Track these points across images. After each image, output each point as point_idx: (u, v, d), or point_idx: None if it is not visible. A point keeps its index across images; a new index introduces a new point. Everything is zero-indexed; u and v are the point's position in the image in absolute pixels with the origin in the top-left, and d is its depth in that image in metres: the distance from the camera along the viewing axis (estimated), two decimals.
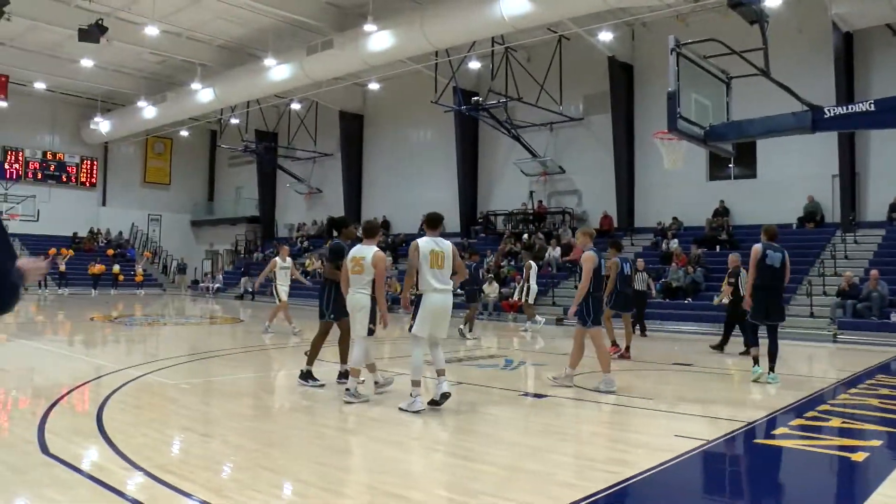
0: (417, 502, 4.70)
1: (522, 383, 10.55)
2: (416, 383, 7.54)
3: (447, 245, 7.93)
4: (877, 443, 6.56)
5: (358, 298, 8.09)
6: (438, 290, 7.64)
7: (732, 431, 6.90)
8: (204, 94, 33.10)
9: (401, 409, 7.52)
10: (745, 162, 24.59)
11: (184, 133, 42.16)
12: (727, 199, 25.03)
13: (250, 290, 33.12)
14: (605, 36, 25.05)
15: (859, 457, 6.01)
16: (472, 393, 9.18)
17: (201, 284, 40.23)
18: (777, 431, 6.95)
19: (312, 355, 9.22)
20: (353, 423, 7.38)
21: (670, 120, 9.10)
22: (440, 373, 7.71)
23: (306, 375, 9.10)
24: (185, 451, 6.17)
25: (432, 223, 8.17)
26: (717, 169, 25.46)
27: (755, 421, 7.40)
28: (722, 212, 24.82)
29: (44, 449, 5.78)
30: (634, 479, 5.22)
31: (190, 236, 46.43)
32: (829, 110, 9.28)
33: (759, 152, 24.30)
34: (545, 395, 8.89)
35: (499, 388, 9.49)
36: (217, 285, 38.25)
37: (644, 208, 27.02)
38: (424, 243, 7.78)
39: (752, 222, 23.81)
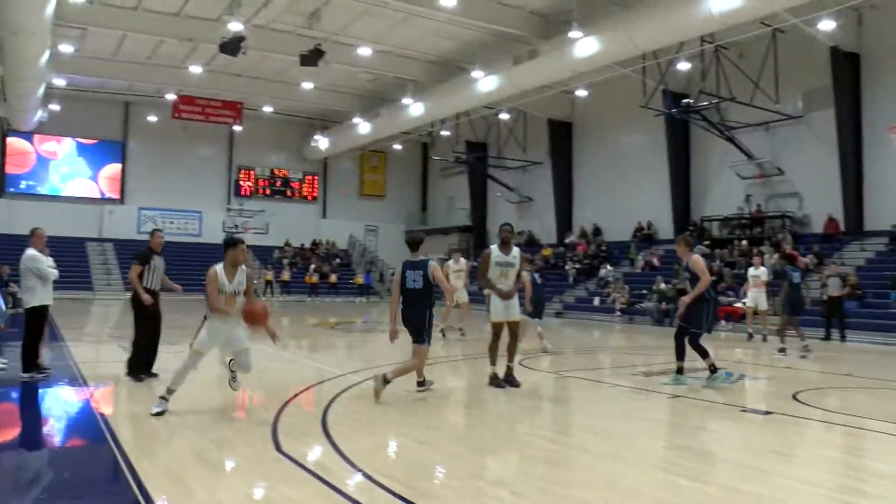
0: None
1: (743, 398, 10.04)
2: None
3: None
4: None
5: None
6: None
7: None
8: (415, 109, 34.29)
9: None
10: None
11: (397, 146, 43.88)
12: None
13: None
14: (827, 24, 23.32)
15: None
16: (689, 407, 8.89)
17: None
18: None
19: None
20: (567, 434, 7.36)
21: None
22: None
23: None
24: (401, 457, 6.47)
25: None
26: None
27: None
28: None
29: (277, 446, 6.32)
30: None
31: (405, 246, 47.93)
32: None
33: None
34: (770, 412, 8.43)
35: (719, 402, 9.10)
36: None
37: (876, 209, 24.87)
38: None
39: None
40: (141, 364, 9.80)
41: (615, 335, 21.75)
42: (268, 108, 40.63)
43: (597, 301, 29.08)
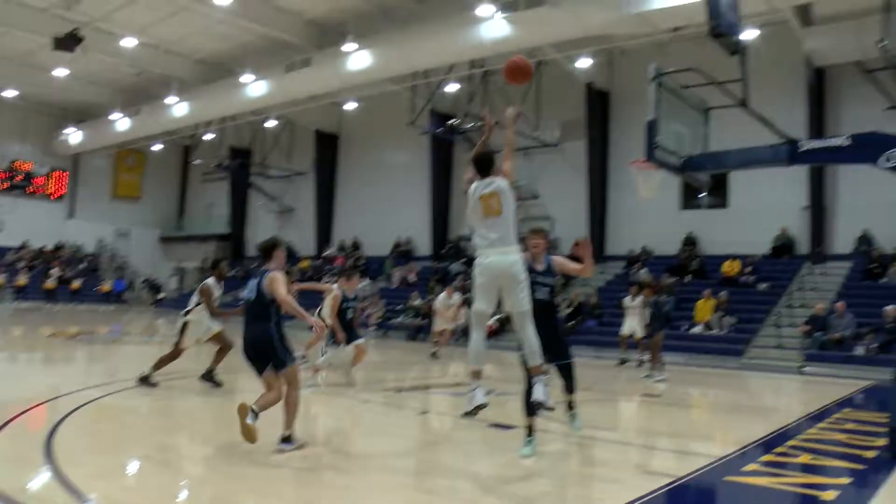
0: None
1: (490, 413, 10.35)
2: None
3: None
4: (845, 480, 6.53)
5: None
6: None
7: (703, 467, 6.82)
8: (179, 109, 32.81)
9: None
10: (717, 192, 24.71)
11: (157, 147, 41.55)
12: (699, 228, 25.15)
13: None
14: (584, 62, 25.17)
15: (830, 495, 5.94)
16: (442, 423, 9.06)
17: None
18: (747, 468, 6.83)
19: None
20: (314, 450, 7.21)
21: (649, 149, 9.09)
22: None
23: None
24: (140, 481, 5.96)
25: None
26: (689, 198, 25.54)
27: (725, 456, 7.32)
28: (690, 241, 24.93)
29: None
30: None
31: (159, 252, 45.73)
32: (805, 144, 9.32)
33: (731, 183, 24.46)
34: (512, 427, 8.75)
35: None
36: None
37: (616, 236, 27.04)
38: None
39: (724, 252, 24.03)
40: None
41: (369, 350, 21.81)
42: (10, 93, 36.63)
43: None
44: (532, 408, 6.50)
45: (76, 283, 37.49)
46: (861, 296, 19.89)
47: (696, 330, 20.70)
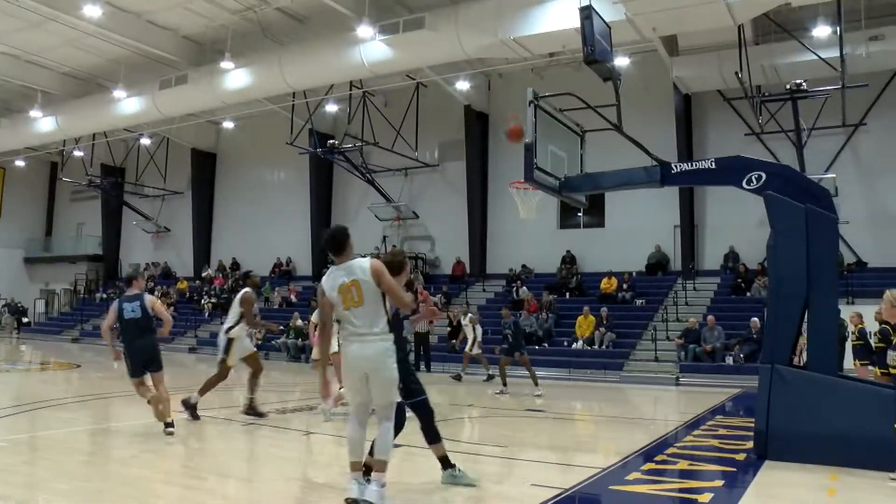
0: None
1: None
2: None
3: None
4: (719, 483, 6.96)
5: None
6: None
7: (588, 478, 7.02)
8: (44, 123, 31.34)
9: None
10: (594, 212, 25.52)
11: (19, 163, 39.50)
12: (577, 247, 25.91)
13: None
14: (463, 85, 25.66)
15: (705, 498, 6.27)
16: (323, 443, 8.99)
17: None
18: (630, 477, 7.09)
19: None
20: (197, 477, 7.05)
21: (527, 170, 9.34)
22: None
23: None
24: None
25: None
26: (567, 218, 26.32)
27: (609, 467, 7.57)
28: (569, 259, 25.65)
29: None
30: None
31: (23, 274, 43.41)
32: (676, 166, 9.77)
33: (608, 203, 25.33)
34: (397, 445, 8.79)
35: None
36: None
37: (496, 255, 27.56)
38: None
39: (601, 269, 24.86)
40: None
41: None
42: None
43: None
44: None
45: None
46: (729, 309, 21.03)
47: (577, 345, 21.27)
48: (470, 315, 19.40)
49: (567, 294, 24.36)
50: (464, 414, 11.75)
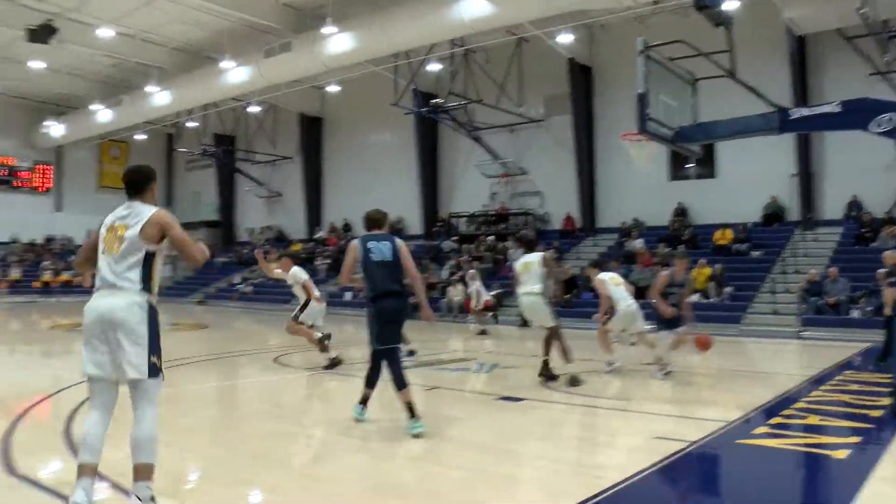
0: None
1: (495, 386, 10.44)
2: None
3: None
4: (854, 439, 6.67)
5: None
6: None
7: (713, 432, 6.91)
8: (160, 98, 32.55)
9: None
10: (706, 162, 24.82)
11: (140, 137, 41.29)
12: (688, 198, 25.26)
13: None
14: (565, 38, 25.11)
15: (841, 454, 6.08)
16: (445, 397, 9.13)
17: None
18: (756, 431, 6.95)
19: None
20: (325, 429, 7.29)
21: (640, 121, 9.11)
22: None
23: None
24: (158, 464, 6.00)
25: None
26: (677, 169, 25.63)
27: (733, 421, 7.43)
28: (681, 211, 25.05)
29: (10, 470, 5.46)
30: (615, 484, 5.19)
31: None
32: (795, 112, 9.37)
33: (719, 153, 24.55)
34: (521, 399, 8.85)
35: (474, 391, 9.46)
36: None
37: (605, 209, 27.14)
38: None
39: (713, 221, 24.20)
40: None
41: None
42: None
43: (349, 295, 29.00)
44: None
45: (65, 276, 37.26)
46: (853, 260, 20.06)
47: (693, 299, 20.80)
48: (471, 271, 19.52)
49: (679, 247, 23.82)
50: (579, 368, 11.71)
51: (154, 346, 4.54)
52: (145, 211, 4.75)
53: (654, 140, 9.94)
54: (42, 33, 25.02)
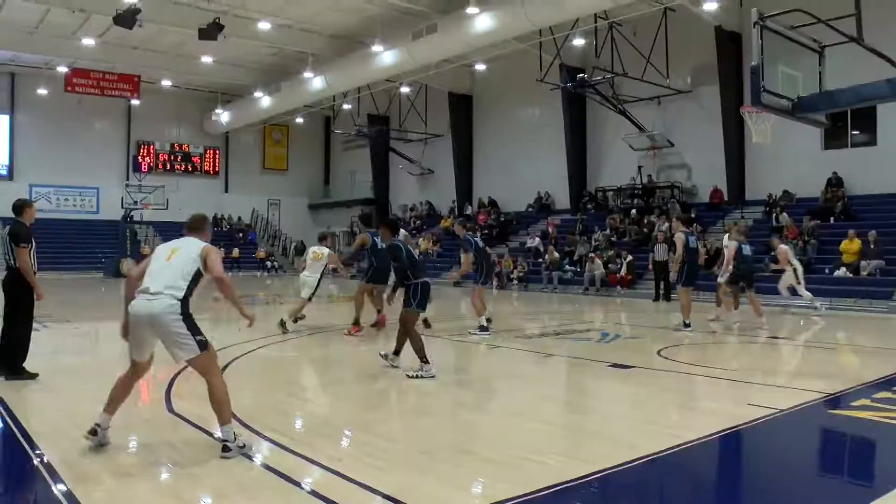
0: (489, 459, 5.13)
1: (612, 355, 10.72)
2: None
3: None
4: None
5: None
6: None
7: (808, 402, 6.99)
8: (316, 83, 34.18)
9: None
10: (865, 128, 23.69)
11: (299, 120, 43.59)
12: (844, 168, 24.07)
13: None
14: (710, 5, 24.46)
15: None
16: (565, 364, 9.55)
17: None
18: (856, 403, 6.92)
19: None
20: (443, 391, 7.88)
21: (754, 94, 9.15)
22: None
23: None
24: (287, 413, 6.86)
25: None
26: (833, 138, 24.49)
27: (836, 392, 7.43)
28: (835, 182, 23.95)
29: (170, 409, 6.60)
30: (691, 443, 5.48)
31: (308, 219, 47.96)
32: None
33: (880, 118, 23.25)
34: (630, 366, 9.14)
35: (589, 359, 9.82)
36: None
37: (755, 181, 26.31)
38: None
39: (872, 192, 23.07)
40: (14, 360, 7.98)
41: (512, 301, 22.36)
42: (166, 82, 39.56)
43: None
44: None
45: (235, 252, 40.02)
46: None
47: (840, 273, 20.09)
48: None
49: (832, 219, 22.89)
50: (704, 340, 11.79)
51: None
52: None
53: (771, 112, 9.90)
54: (211, 30, 27.02)
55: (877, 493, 4.39)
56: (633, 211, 28.40)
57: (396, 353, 8.65)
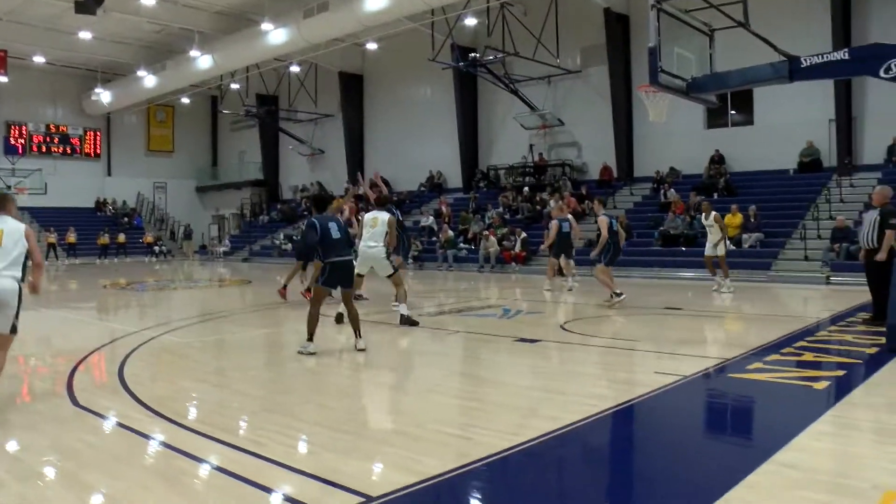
0: (414, 436, 5.20)
1: (517, 330, 10.96)
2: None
3: None
4: (839, 373, 7.12)
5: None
6: None
7: (709, 367, 7.40)
8: (203, 61, 33.24)
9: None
10: (743, 109, 24.81)
11: (185, 100, 42.26)
12: (726, 146, 25.21)
13: None
14: None
15: (820, 385, 6.53)
16: (471, 340, 9.70)
17: (210, 249, 41.02)
18: (751, 366, 7.37)
19: None
20: (355, 371, 7.92)
21: (651, 74, 9.48)
22: None
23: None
24: (199, 399, 6.73)
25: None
26: (714, 117, 25.61)
27: (733, 358, 7.87)
28: (718, 159, 25.04)
29: (74, 401, 6.34)
30: (608, 411, 5.72)
31: (196, 202, 46.82)
32: (805, 60, 9.55)
33: (757, 99, 24.46)
34: (537, 340, 9.39)
35: (495, 335, 10.01)
36: (224, 249, 38.95)
37: (643, 159, 27.28)
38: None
39: (751, 169, 24.25)
40: None
41: (408, 280, 22.43)
42: (39, 59, 37.21)
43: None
44: None
45: (121, 237, 38.66)
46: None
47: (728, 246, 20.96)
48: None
49: (715, 195, 23.89)
50: (602, 313, 12.19)
51: None
52: None
53: (666, 91, 10.26)
54: (89, 4, 25.71)
55: (782, 441, 4.74)
56: (526, 189, 28.88)
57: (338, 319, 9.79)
